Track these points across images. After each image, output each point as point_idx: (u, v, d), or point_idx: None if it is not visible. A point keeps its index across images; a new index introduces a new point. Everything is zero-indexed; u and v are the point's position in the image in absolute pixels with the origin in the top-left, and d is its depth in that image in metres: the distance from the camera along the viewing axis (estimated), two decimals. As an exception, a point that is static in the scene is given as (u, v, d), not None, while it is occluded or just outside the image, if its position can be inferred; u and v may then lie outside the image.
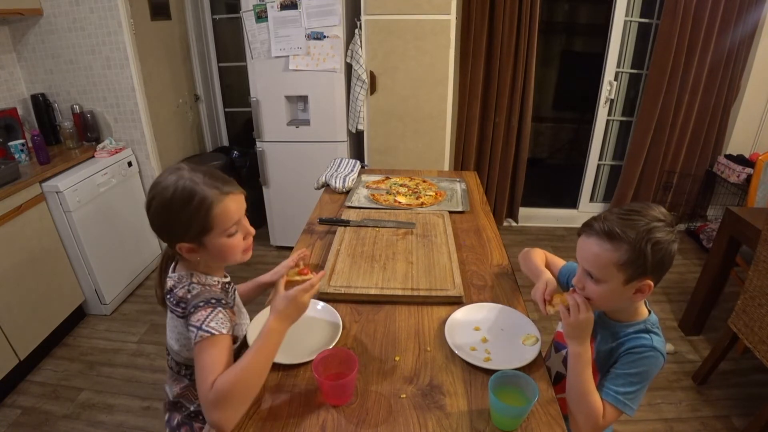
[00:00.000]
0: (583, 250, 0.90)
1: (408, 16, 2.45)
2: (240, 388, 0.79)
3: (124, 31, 2.39)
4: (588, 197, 3.55)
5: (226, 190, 0.89)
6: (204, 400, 0.78)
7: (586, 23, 3.35)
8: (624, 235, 0.83)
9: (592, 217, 0.90)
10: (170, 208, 0.86)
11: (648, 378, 0.89)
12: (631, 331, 0.93)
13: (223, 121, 3.63)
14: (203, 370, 0.81)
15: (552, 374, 1.07)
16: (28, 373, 2.10)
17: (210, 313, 0.85)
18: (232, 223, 0.89)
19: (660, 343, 0.90)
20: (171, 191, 0.85)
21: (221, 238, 0.89)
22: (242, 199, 0.92)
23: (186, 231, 0.87)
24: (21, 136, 2.29)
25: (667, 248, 0.84)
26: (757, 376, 2.03)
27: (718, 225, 2.15)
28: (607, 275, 0.86)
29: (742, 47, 2.83)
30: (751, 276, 1.71)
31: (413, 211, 1.67)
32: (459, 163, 3.26)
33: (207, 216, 0.86)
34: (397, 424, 0.84)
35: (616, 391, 0.89)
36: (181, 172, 0.88)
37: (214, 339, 0.83)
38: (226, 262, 0.95)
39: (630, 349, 0.90)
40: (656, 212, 0.86)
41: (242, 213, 0.92)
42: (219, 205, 0.87)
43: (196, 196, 0.85)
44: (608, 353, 0.94)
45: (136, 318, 2.48)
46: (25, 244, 2.04)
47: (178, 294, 0.90)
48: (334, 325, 1.09)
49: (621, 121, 3.32)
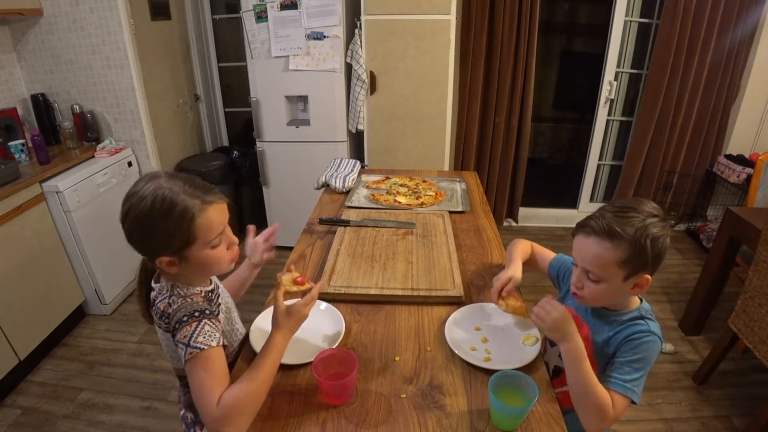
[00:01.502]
0: (582, 250, 0.90)
1: (408, 16, 2.45)
2: (248, 403, 0.79)
3: (124, 31, 2.39)
4: (588, 197, 3.55)
5: (209, 199, 0.83)
6: (209, 417, 0.77)
7: (586, 23, 3.35)
8: (623, 233, 0.84)
9: (586, 217, 0.90)
10: (149, 221, 0.80)
11: (650, 363, 0.90)
12: (626, 318, 0.93)
13: (223, 121, 3.63)
14: (203, 389, 0.78)
15: (550, 368, 1.07)
16: (28, 373, 2.10)
17: (196, 327, 0.81)
18: (216, 234, 0.85)
19: (656, 328, 0.92)
20: (149, 202, 0.79)
21: (204, 250, 0.85)
22: (225, 208, 0.88)
23: (167, 245, 0.82)
24: (21, 136, 2.29)
25: (663, 242, 0.86)
26: (757, 376, 2.03)
27: (718, 225, 2.15)
28: (607, 274, 0.86)
29: (742, 47, 2.83)
30: (751, 276, 1.71)
31: (413, 211, 1.67)
32: (459, 163, 3.26)
33: (189, 228, 0.81)
34: (397, 424, 0.84)
35: (622, 380, 0.88)
36: (159, 181, 0.81)
37: (205, 354, 0.80)
38: (210, 273, 0.93)
39: (629, 336, 0.91)
40: (649, 207, 0.87)
41: (225, 223, 0.88)
42: (202, 215, 0.82)
43: (176, 207, 0.80)
44: (605, 342, 0.95)
45: (136, 318, 2.48)
46: (25, 244, 2.04)
47: (159, 307, 0.86)
48: (336, 325, 1.09)
49: (621, 121, 3.32)
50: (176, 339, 0.82)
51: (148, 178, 0.83)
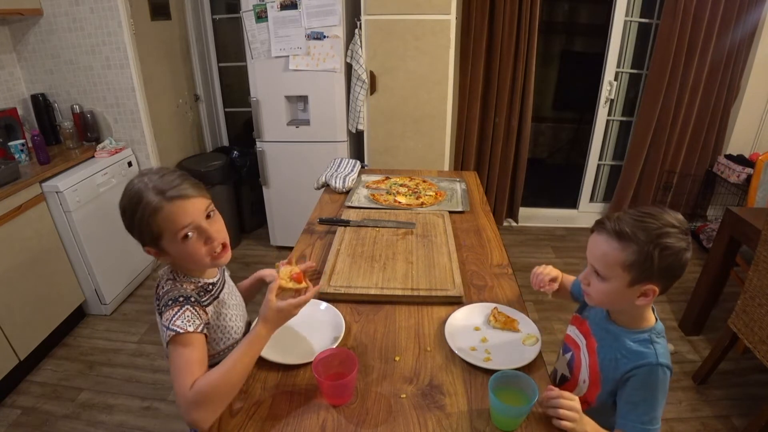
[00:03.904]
0: (592, 247, 0.89)
1: (408, 16, 2.45)
2: (221, 390, 0.81)
3: (124, 31, 2.39)
4: (588, 197, 3.55)
5: (170, 194, 0.84)
6: (183, 399, 0.79)
7: (586, 23, 3.35)
8: (633, 236, 0.81)
9: (606, 215, 0.89)
10: (127, 213, 0.86)
11: (663, 394, 0.87)
12: (634, 340, 0.89)
13: (223, 121, 3.63)
14: (179, 370, 0.81)
15: (557, 376, 1.07)
16: (28, 373, 2.10)
17: (177, 311, 0.85)
18: (181, 228, 0.85)
19: (664, 357, 0.87)
20: (127, 195, 0.86)
21: (175, 244, 0.87)
22: (195, 204, 0.87)
23: (141, 236, 0.87)
24: (21, 136, 2.29)
25: (677, 255, 0.82)
26: (757, 376, 2.03)
27: (718, 225, 2.15)
28: (612, 274, 0.85)
29: (742, 47, 2.83)
30: (751, 276, 1.71)
31: (413, 211, 1.67)
32: (459, 163, 3.26)
33: (151, 222, 0.84)
34: (397, 424, 0.84)
35: (641, 421, 0.85)
36: (143, 177, 0.86)
37: (182, 338, 0.82)
38: (197, 266, 0.93)
39: (636, 370, 0.86)
40: (671, 218, 0.83)
41: (196, 218, 0.87)
42: (162, 211, 0.84)
43: (141, 202, 0.84)
44: (613, 363, 0.91)
45: (136, 318, 2.48)
46: (25, 244, 2.04)
47: (156, 290, 0.92)
48: (336, 326, 1.09)
49: (621, 121, 3.32)
50: (161, 321, 0.85)
51: (143, 171, 0.89)
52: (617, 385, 0.90)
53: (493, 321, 1.10)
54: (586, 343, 0.99)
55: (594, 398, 0.95)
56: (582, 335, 1.01)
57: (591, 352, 0.96)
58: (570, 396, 0.84)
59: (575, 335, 1.03)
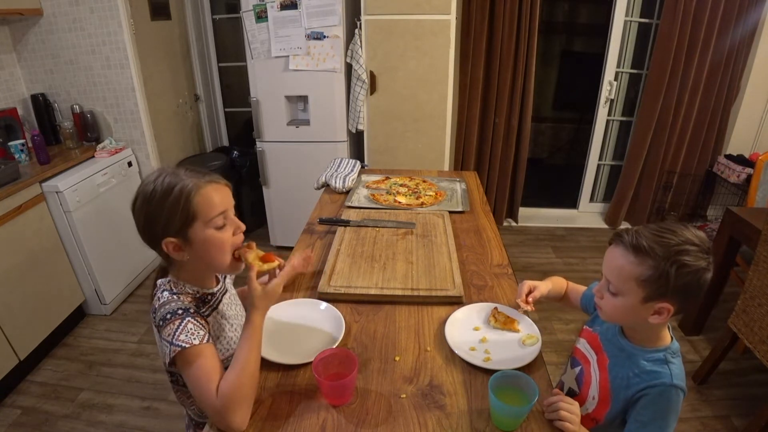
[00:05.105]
0: (607, 260, 0.86)
1: (408, 16, 2.45)
2: (246, 386, 0.82)
3: (124, 31, 2.39)
4: (588, 197, 3.55)
5: (207, 179, 0.87)
6: (212, 409, 0.79)
7: (586, 23, 3.36)
8: (650, 251, 0.78)
9: (626, 228, 0.86)
10: (152, 201, 0.84)
11: (675, 415, 0.84)
12: (649, 359, 0.86)
13: (223, 121, 3.63)
14: (199, 382, 0.81)
15: (564, 390, 1.04)
16: (28, 373, 2.10)
17: (179, 325, 0.82)
18: (217, 212, 0.86)
19: (679, 378, 0.84)
20: (152, 186, 0.85)
21: (207, 230, 0.86)
22: (227, 191, 0.90)
23: (169, 223, 0.84)
24: (21, 136, 2.29)
25: (696, 275, 0.78)
26: (757, 376, 2.03)
27: (718, 225, 2.15)
28: (626, 289, 0.82)
29: (742, 47, 2.83)
30: (751, 276, 1.71)
31: (413, 211, 1.67)
32: (459, 163, 3.26)
33: (188, 204, 0.84)
34: (397, 424, 0.84)
35: None
36: (164, 170, 0.88)
37: (192, 351, 0.82)
38: (214, 263, 0.90)
39: (649, 389, 0.84)
40: (692, 235, 0.80)
41: (228, 205, 0.89)
42: (200, 191, 0.84)
43: (177, 186, 0.84)
44: (624, 381, 0.88)
45: (136, 318, 2.48)
46: (25, 244, 2.04)
47: (152, 300, 0.90)
48: (336, 326, 1.09)
49: (621, 121, 3.32)
50: (161, 337, 0.84)
51: (158, 170, 0.89)
52: (628, 404, 0.87)
53: (493, 321, 1.10)
54: (597, 358, 0.95)
55: (602, 416, 0.92)
56: (593, 350, 0.97)
57: (602, 368, 0.93)
58: (570, 400, 0.83)
59: (585, 349, 1.00)
